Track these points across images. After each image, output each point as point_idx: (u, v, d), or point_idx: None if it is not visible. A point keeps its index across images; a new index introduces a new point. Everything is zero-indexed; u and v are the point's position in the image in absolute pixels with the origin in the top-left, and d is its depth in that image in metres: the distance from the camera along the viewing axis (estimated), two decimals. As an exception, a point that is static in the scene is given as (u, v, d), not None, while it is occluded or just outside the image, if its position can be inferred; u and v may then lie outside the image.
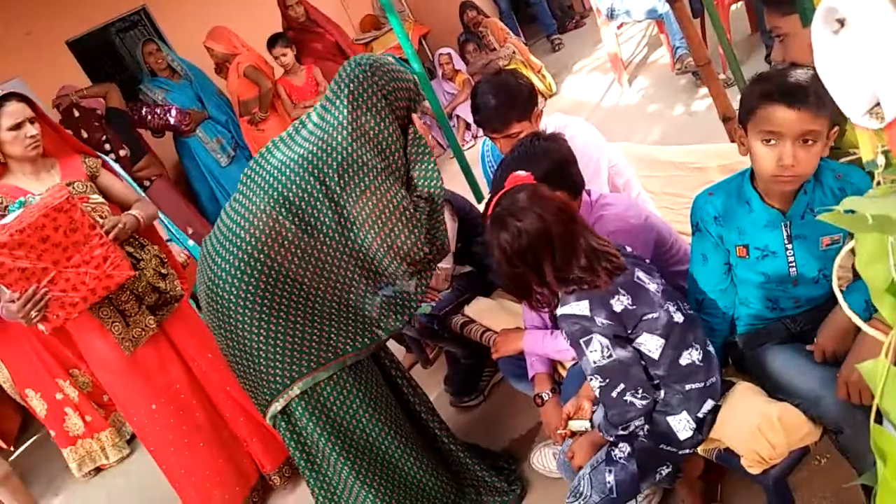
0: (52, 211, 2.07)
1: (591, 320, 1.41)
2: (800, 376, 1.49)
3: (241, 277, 1.78)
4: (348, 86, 1.80)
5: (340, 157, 1.77)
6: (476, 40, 6.02)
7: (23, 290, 2.07)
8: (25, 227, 2.03)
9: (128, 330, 2.37)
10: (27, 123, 2.24)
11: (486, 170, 2.48)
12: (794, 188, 1.46)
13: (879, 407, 0.50)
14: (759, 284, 1.58)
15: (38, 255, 2.07)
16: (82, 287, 2.17)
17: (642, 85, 5.05)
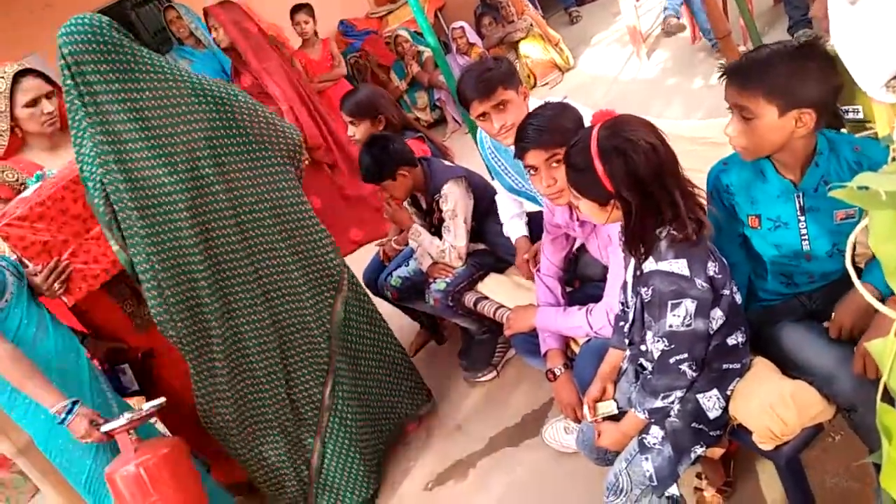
0: (71, 183, 2.06)
1: (691, 282, 1.37)
2: (814, 354, 1.48)
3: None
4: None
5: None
6: (492, 13, 5.94)
7: (45, 262, 2.07)
8: (45, 199, 2.04)
9: (140, 307, 2.34)
10: (43, 99, 2.23)
11: (486, 157, 2.45)
12: (750, 159, 1.49)
13: (887, 385, 0.50)
14: (773, 258, 1.57)
15: (58, 227, 2.07)
16: (103, 259, 2.16)
17: (661, 58, 4.96)
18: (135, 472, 1.77)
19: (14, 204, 2.10)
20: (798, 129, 1.38)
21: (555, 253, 2.07)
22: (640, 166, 1.34)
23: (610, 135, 1.37)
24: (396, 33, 6.03)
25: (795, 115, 1.37)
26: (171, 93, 2.01)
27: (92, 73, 1.92)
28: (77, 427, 1.83)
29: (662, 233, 1.39)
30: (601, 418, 1.64)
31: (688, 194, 1.39)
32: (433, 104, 6.01)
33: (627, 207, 1.38)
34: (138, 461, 1.78)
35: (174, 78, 2.02)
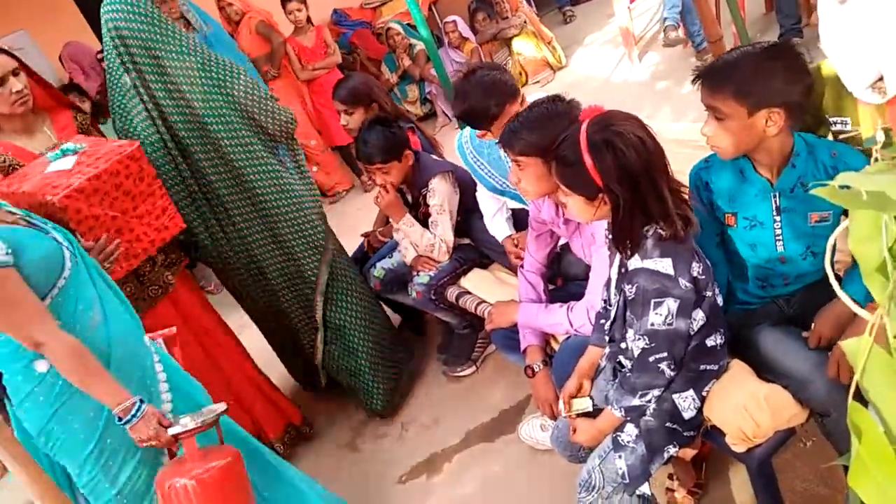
0: (126, 158, 2.02)
1: (675, 281, 1.38)
2: (791, 358, 1.50)
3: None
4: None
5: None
6: (487, 8, 5.92)
7: (94, 238, 1.96)
8: (101, 172, 1.96)
9: (143, 287, 2.27)
10: (10, 77, 2.08)
11: (466, 160, 2.43)
12: (726, 158, 1.51)
13: (859, 384, 0.50)
14: (749, 258, 1.59)
15: (110, 202, 2.01)
16: (144, 238, 2.12)
17: (652, 61, 4.98)
18: (199, 483, 1.55)
19: (53, 174, 1.96)
20: (769, 129, 1.41)
21: (538, 250, 2.07)
22: (630, 159, 1.34)
23: (599, 129, 1.38)
24: (388, 25, 6.00)
25: (765, 114, 1.39)
26: (189, 63, 2.29)
27: (134, 45, 2.22)
28: (142, 429, 1.57)
29: (650, 231, 1.39)
30: (575, 414, 1.64)
31: (675, 191, 1.40)
32: (424, 98, 5.99)
33: (616, 201, 1.38)
34: (200, 471, 1.56)
35: (192, 51, 2.30)
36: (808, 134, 1.53)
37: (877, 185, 0.47)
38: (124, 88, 2.28)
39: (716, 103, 1.43)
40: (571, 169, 1.42)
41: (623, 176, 1.35)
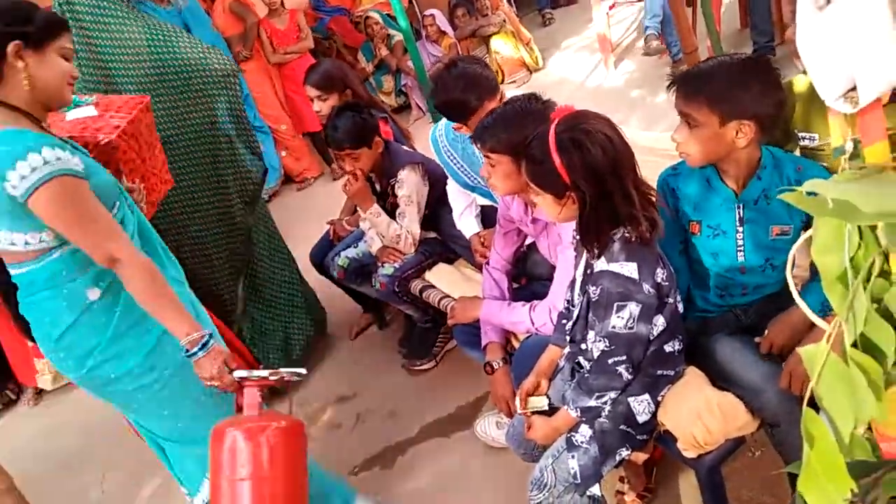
0: (145, 108, 2.02)
1: (639, 286, 1.39)
2: (744, 368, 1.52)
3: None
4: None
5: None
6: (467, 4, 5.92)
7: (133, 181, 1.93)
8: (134, 118, 1.95)
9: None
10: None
11: (439, 153, 2.42)
12: (695, 166, 1.53)
13: (813, 391, 0.50)
14: (710, 267, 1.61)
15: (138, 147, 2.00)
16: (155, 189, 2.10)
17: (628, 69, 5.03)
18: (254, 439, 1.47)
19: (78, 120, 1.90)
20: (738, 140, 1.43)
21: (505, 247, 2.07)
22: (597, 157, 1.35)
23: (567, 127, 1.39)
24: (368, 14, 5.94)
25: (736, 125, 1.41)
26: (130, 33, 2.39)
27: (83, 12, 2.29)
28: (206, 365, 1.52)
29: (617, 234, 1.40)
30: (531, 412, 1.64)
31: (642, 192, 1.41)
32: (399, 89, 5.95)
33: (583, 199, 1.39)
34: (265, 426, 1.49)
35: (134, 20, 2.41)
36: (775, 148, 1.56)
37: (843, 194, 0.47)
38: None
39: (689, 110, 1.45)
40: (540, 167, 1.42)
41: (590, 173, 1.36)
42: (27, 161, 1.38)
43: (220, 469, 1.48)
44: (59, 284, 1.54)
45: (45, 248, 1.49)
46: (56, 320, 1.55)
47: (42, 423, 3.41)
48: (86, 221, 1.46)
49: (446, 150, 2.36)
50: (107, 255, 1.48)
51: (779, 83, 1.44)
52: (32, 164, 1.38)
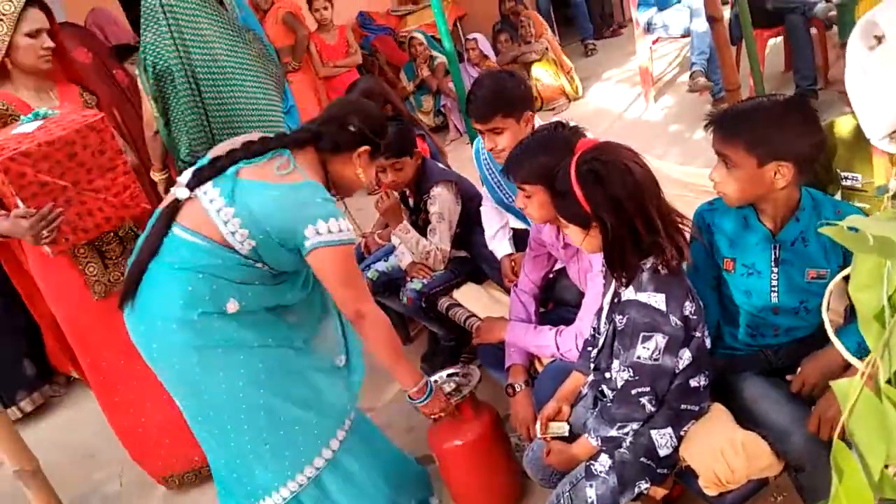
0: (86, 128, 1.94)
1: (666, 318, 1.39)
2: (772, 409, 1.50)
3: None
4: None
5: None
6: (510, 31, 5.98)
7: (38, 206, 1.92)
8: (55, 139, 1.89)
9: (105, 272, 2.25)
10: (45, 34, 2.12)
11: (480, 167, 2.46)
12: (733, 206, 1.52)
13: (845, 424, 0.50)
14: (742, 305, 1.60)
15: (61, 172, 1.93)
16: (98, 213, 2.05)
17: (667, 103, 5.03)
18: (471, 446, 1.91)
19: (13, 136, 1.94)
20: (777, 181, 1.42)
21: (534, 270, 2.08)
22: (616, 188, 1.37)
23: (588, 160, 1.41)
24: (412, 34, 6.05)
25: (774, 166, 1.40)
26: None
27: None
28: (433, 405, 1.85)
29: (647, 264, 1.40)
30: (551, 437, 1.64)
31: (668, 220, 1.41)
32: (438, 109, 6.02)
33: (606, 230, 1.40)
34: (472, 436, 1.91)
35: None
36: (815, 190, 1.55)
37: (884, 231, 0.48)
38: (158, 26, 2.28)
39: (726, 151, 1.45)
40: (564, 199, 1.45)
41: (610, 204, 1.38)
42: (328, 224, 1.61)
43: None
44: (219, 278, 1.63)
45: (234, 248, 1.62)
46: (189, 301, 1.62)
47: (67, 415, 3.48)
48: (353, 281, 1.72)
49: (487, 164, 2.39)
50: (356, 310, 1.71)
51: (818, 124, 1.43)
52: (332, 228, 1.62)
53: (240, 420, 1.71)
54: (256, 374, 1.69)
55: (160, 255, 1.65)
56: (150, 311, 1.67)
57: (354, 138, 1.75)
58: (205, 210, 1.62)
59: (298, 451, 1.77)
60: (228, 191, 1.60)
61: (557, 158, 1.55)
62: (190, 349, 1.65)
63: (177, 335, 1.64)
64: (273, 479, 1.77)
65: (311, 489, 1.81)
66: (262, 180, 1.62)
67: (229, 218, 1.60)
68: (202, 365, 1.66)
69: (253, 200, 1.60)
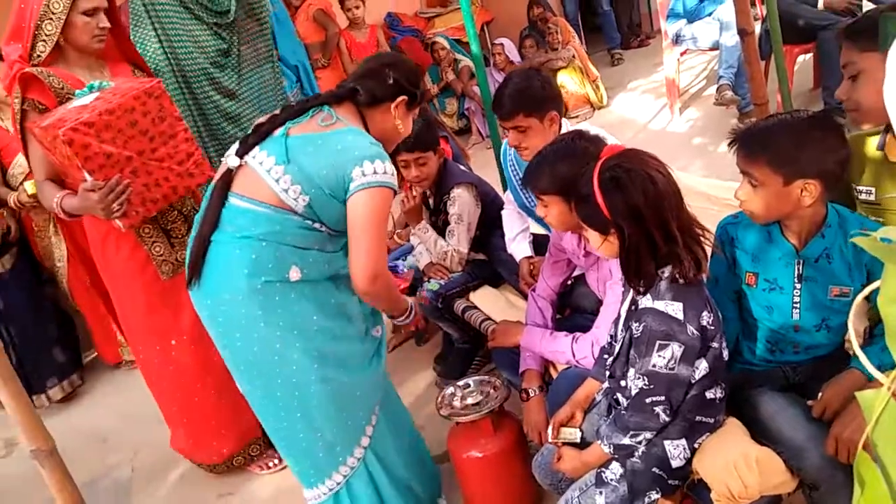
0: (143, 94, 1.89)
1: (683, 327, 1.38)
2: (788, 426, 1.48)
3: None
4: None
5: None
6: (537, 37, 5.98)
7: (105, 178, 1.88)
8: (115, 107, 1.84)
9: (172, 251, 2.21)
10: (101, 13, 2.08)
11: (506, 169, 2.47)
12: (759, 223, 1.52)
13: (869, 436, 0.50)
14: (763, 320, 1.59)
15: (124, 141, 1.88)
16: (164, 183, 1.99)
17: (692, 116, 5.00)
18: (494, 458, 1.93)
19: (72, 108, 1.88)
20: (804, 198, 1.41)
21: (553, 276, 2.08)
22: (636, 197, 1.36)
23: (610, 167, 1.41)
24: (435, 39, 6.07)
25: (801, 184, 1.39)
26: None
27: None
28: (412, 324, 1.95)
29: (665, 272, 1.40)
30: (562, 443, 1.63)
31: (688, 231, 1.40)
32: (461, 112, 6.03)
33: (623, 237, 1.40)
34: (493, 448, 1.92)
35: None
36: (841, 206, 1.53)
37: (918, 245, 0.48)
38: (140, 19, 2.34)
39: (751, 170, 1.44)
40: (586, 204, 1.45)
41: (629, 212, 1.38)
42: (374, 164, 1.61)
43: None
44: (281, 244, 1.65)
45: (291, 208, 1.63)
46: (253, 270, 1.64)
47: (82, 401, 3.53)
48: (381, 229, 1.67)
49: (512, 166, 2.40)
50: (373, 274, 1.64)
51: (843, 139, 1.42)
52: (377, 169, 1.61)
53: (295, 396, 1.73)
54: (311, 349, 1.70)
55: (221, 227, 1.67)
56: (217, 284, 1.69)
57: (391, 89, 1.77)
58: (257, 174, 1.65)
59: (357, 420, 1.80)
60: (279, 150, 1.63)
61: (574, 169, 1.57)
62: (252, 321, 1.67)
63: (241, 307, 1.67)
64: (339, 453, 1.80)
65: (361, 468, 1.84)
66: (308, 133, 1.66)
67: (280, 176, 1.62)
68: (261, 340, 1.68)
69: (302, 154, 1.63)
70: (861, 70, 1.46)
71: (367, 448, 1.84)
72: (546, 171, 1.72)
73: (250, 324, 1.67)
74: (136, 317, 2.31)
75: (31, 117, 2.03)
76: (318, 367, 1.71)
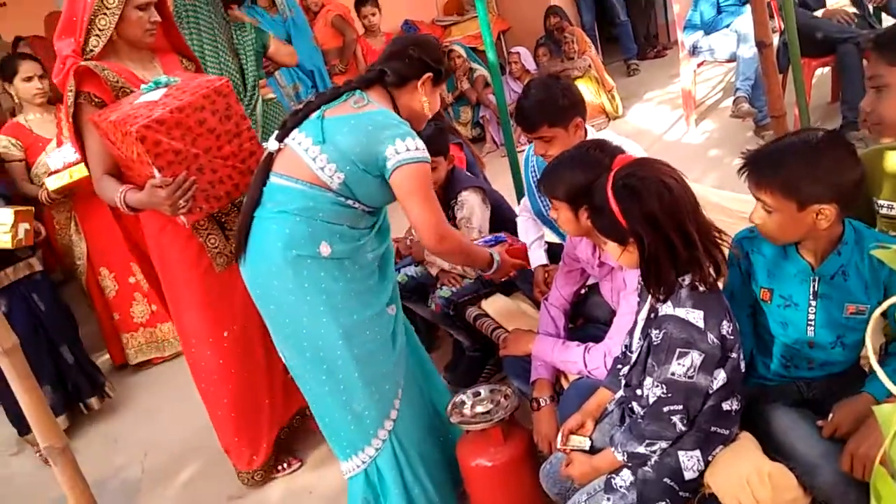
0: (213, 93, 1.92)
1: (703, 335, 1.37)
2: (802, 442, 1.47)
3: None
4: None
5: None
6: (552, 46, 5.98)
7: (173, 174, 1.92)
8: (185, 105, 1.87)
9: (228, 243, 2.23)
10: (152, 7, 2.11)
11: (528, 176, 2.48)
12: (777, 245, 1.50)
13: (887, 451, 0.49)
14: (777, 336, 1.57)
15: (192, 138, 1.91)
16: (228, 181, 2.02)
17: (708, 128, 4.98)
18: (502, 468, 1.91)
19: (140, 104, 1.93)
20: (820, 222, 1.39)
21: (566, 285, 2.07)
22: (652, 204, 1.36)
23: (624, 175, 1.41)
24: (451, 47, 6.10)
25: (815, 209, 1.37)
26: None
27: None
28: (503, 271, 2.10)
29: (685, 280, 1.39)
30: (570, 449, 1.63)
31: (706, 234, 1.40)
32: (476, 121, 6.05)
33: (642, 245, 1.39)
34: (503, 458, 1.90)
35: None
36: (858, 222, 1.52)
37: (938, 259, 0.47)
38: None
39: (763, 196, 1.42)
40: (601, 214, 1.45)
41: (646, 220, 1.37)
42: (405, 142, 1.73)
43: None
44: (314, 220, 1.77)
45: (326, 185, 1.76)
46: (287, 242, 1.76)
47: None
48: (433, 198, 1.81)
49: (534, 172, 2.41)
50: (439, 236, 1.81)
51: (856, 159, 1.38)
52: (409, 146, 1.74)
53: (322, 368, 1.85)
54: (337, 324, 1.81)
55: (262, 204, 1.81)
56: (257, 256, 1.82)
57: (416, 67, 1.87)
58: (296, 153, 1.77)
59: (384, 393, 1.90)
60: (316, 130, 1.75)
61: (584, 178, 1.59)
62: (284, 293, 1.80)
63: (275, 278, 1.80)
64: (369, 426, 1.90)
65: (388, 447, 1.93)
66: (342, 115, 1.77)
67: (317, 154, 1.74)
68: (291, 311, 1.81)
69: (337, 133, 1.74)
70: (888, 84, 1.45)
71: (393, 424, 1.93)
72: (558, 177, 1.73)
73: (282, 295, 1.81)
74: (190, 310, 2.32)
75: (87, 111, 2.06)
76: (343, 341, 1.82)
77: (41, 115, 3.33)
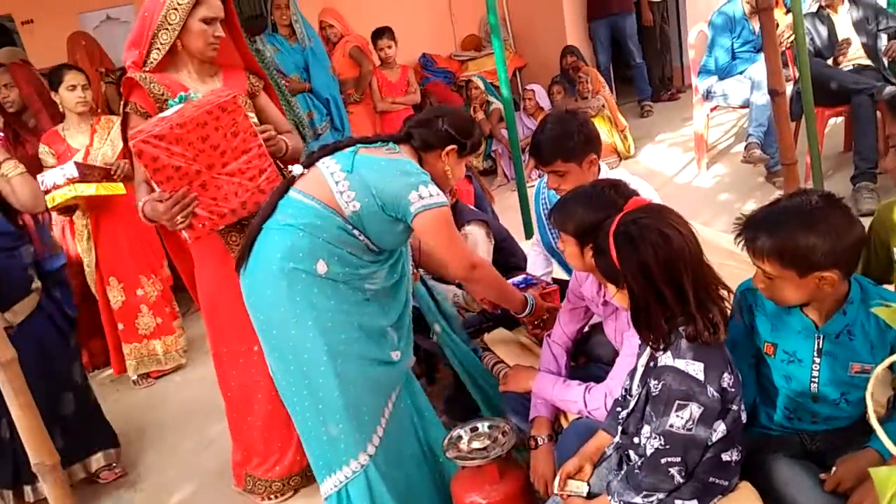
0: (217, 109, 1.91)
1: (703, 388, 1.35)
2: (803, 495, 1.44)
3: None
4: None
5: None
6: (567, 85, 6.04)
7: (173, 189, 1.94)
8: (186, 121, 1.87)
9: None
10: (217, 23, 2.13)
11: (538, 208, 2.48)
12: (782, 306, 1.48)
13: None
14: (781, 388, 1.55)
15: (194, 154, 1.91)
16: (233, 198, 2.01)
17: (719, 171, 4.99)
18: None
19: (153, 122, 1.95)
20: (823, 287, 1.37)
21: (569, 323, 2.06)
22: (646, 255, 1.35)
23: (628, 220, 1.40)
24: (471, 78, 6.17)
25: (817, 275, 1.36)
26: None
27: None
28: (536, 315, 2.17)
29: (685, 330, 1.37)
30: (567, 495, 1.60)
31: (705, 291, 1.38)
32: (488, 153, 6.08)
33: (632, 293, 1.39)
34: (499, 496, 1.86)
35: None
36: (865, 279, 1.50)
37: (941, 320, 0.46)
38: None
39: (762, 266, 1.41)
40: (602, 256, 1.45)
41: (638, 269, 1.37)
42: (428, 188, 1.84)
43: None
44: (316, 237, 1.81)
45: (340, 209, 1.82)
46: (286, 254, 1.80)
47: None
48: (456, 239, 1.95)
49: (545, 205, 2.41)
50: (468, 262, 1.94)
51: (853, 221, 1.36)
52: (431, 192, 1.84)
53: (305, 383, 1.86)
54: (324, 342, 1.82)
55: (273, 216, 1.86)
56: (256, 264, 1.86)
57: (442, 137, 1.96)
58: (320, 174, 1.85)
59: (363, 424, 1.90)
60: (347, 161, 1.85)
61: (595, 217, 1.59)
62: (275, 304, 1.83)
63: (268, 287, 1.83)
64: (343, 451, 1.89)
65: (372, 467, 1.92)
66: (375, 155, 1.88)
67: (341, 179, 1.82)
68: (280, 323, 1.84)
69: (367, 168, 1.83)
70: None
71: (373, 452, 1.91)
72: (569, 212, 1.73)
73: (273, 305, 1.83)
74: (224, 321, 2.30)
75: (133, 120, 2.14)
76: (328, 359, 1.83)
77: (78, 126, 3.42)
